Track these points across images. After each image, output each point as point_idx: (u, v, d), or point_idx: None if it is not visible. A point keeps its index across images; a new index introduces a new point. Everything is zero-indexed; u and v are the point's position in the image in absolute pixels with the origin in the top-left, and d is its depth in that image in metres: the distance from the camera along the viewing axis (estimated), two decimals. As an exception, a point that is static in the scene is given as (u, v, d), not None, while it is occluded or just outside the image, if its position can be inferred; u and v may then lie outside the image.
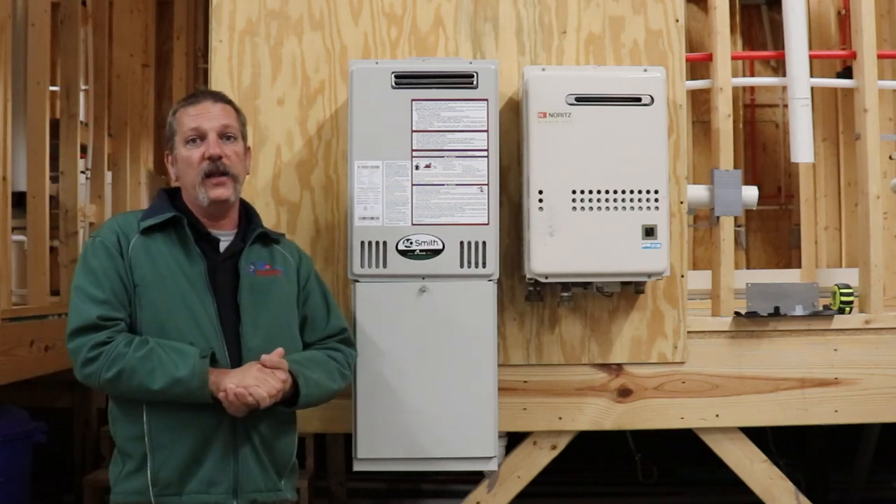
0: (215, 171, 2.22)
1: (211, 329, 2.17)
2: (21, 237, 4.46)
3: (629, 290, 2.99)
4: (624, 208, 2.78)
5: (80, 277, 2.18)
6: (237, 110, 2.34)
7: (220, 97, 2.32)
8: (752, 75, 6.02)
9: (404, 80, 2.73)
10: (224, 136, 2.25)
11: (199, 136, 2.24)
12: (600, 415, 3.06)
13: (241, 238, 2.30)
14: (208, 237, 2.27)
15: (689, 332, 3.07)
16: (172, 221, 2.23)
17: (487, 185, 2.72)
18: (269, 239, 2.35)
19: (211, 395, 2.10)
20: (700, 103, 5.79)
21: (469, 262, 2.71)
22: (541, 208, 2.78)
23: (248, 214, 2.37)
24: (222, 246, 2.28)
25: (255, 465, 2.20)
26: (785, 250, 6.09)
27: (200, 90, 2.39)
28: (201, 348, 2.12)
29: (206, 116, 2.24)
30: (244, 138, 2.34)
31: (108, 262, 2.17)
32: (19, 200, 4.22)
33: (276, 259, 2.34)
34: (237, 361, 2.18)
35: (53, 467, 4.73)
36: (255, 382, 2.10)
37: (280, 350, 2.18)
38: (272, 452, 2.23)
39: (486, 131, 2.73)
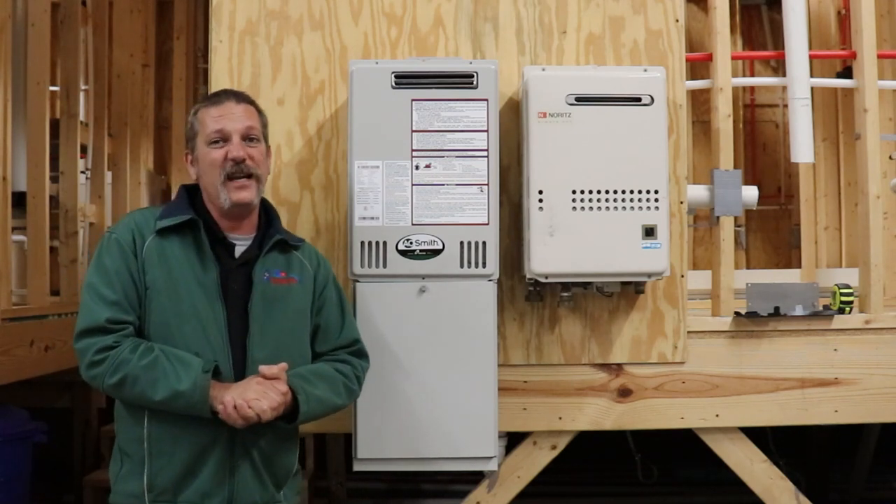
0: (238, 172, 2.19)
1: (218, 338, 2.14)
2: (21, 237, 4.46)
3: (629, 290, 2.99)
4: (624, 208, 2.78)
5: (93, 275, 2.16)
6: (259, 111, 2.30)
7: (243, 98, 2.28)
8: (752, 75, 6.02)
9: (404, 80, 2.73)
10: (247, 137, 2.22)
11: (223, 138, 2.20)
12: (600, 415, 3.06)
13: (258, 244, 2.25)
14: (224, 241, 2.22)
15: (689, 332, 3.07)
16: (189, 223, 2.19)
17: (487, 185, 2.72)
18: (287, 245, 2.30)
19: (211, 410, 2.07)
20: (700, 103, 5.79)
21: (469, 262, 2.71)
22: (541, 208, 2.78)
23: (268, 217, 2.32)
24: (238, 251, 2.23)
25: (253, 479, 2.17)
26: (785, 250, 6.09)
27: (223, 90, 2.35)
28: (205, 360, 2.10)
29: (230, 118, 2.21)
30: (266, 139, 2.30)
31: (122, 261, 2.15)
32: (19, 200, 4.22)
33: (292, 266, 2.28)
34: (241, 372, 2.15)
35: (53, 467, 4.73)
36: (256, 395, 2.07)
37: (283, 365, 2.14)
38: (271, 466, 2.21)
39: (486, 131, 2.73)
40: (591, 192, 2.78)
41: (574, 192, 2.77)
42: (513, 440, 3.12)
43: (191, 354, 2.10)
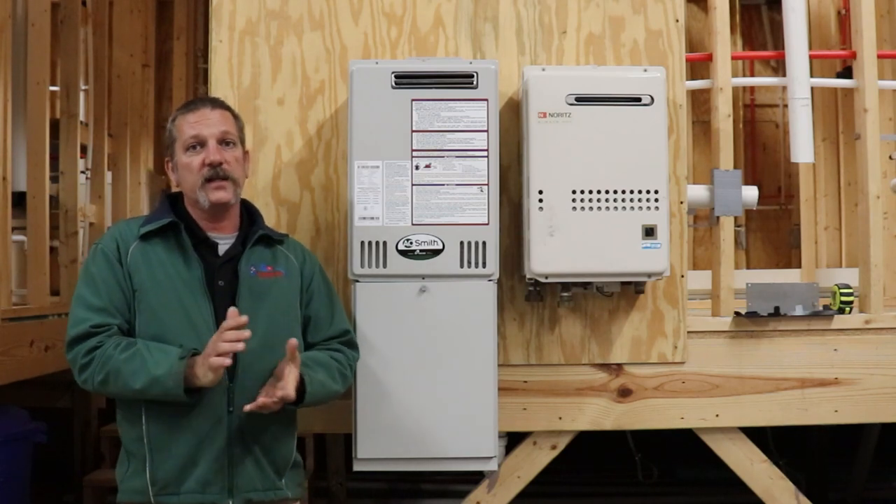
0: (215, 176, 2.24)
1: (207, 333, 2.17)
2: (21, 237, 4.46)
3: (629, 290, 2.99)
4: (624, 208, 2.78)
5: (81, 285, 2.23)
6: (235, 116, 2.36)
7: (218, 103, 2.34)
8: (752, 75, 6.02)
9: (404, 80, 2.73)
10: (223, 141, 2.28)
11: (199, 143, 2.26)
12: (600, 415, 3.06)
13: (241, 241, 2.31)
14: (207, 241, 2.28)
15: (689, 332, 3.07)
16: (171, 227, 2.25)
17: (487, 185, 2.72)
18: (271, 240, 2.36)
19: (187, 391, 2.09)
20: (700, 103, 5.79)
21: (469, 262, 2.71)
22: (541, 208, 2.78)
23: (250, 216, 2.38)
24: (221, 250, 2.29)
25: (252, 465, 2.22)
26: (785, 250, 6.09)
27: (198, 97, 2.42)
28: (185, 348, 2.14)
29: (206, 123, 2.27)
30: (243, 143, 2.36)
31: (107, 269, 2.21)
32: (19, 200, 4.22)
33: (278, 260, 2.34)
34: (233, 365, 2.18)
35: (53, 467, 4.73)
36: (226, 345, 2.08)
37: (293, 341, 2.17)
38: (269, 452, 2.25)
39: (486, 131, 2.73)
40: (591, 192, 2.78)
41: (574, 192, 2.78)
42: (513, 440, 3.12)
43: (174, 346, 2.14)
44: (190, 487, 2.17)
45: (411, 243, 2.71)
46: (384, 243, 2.71)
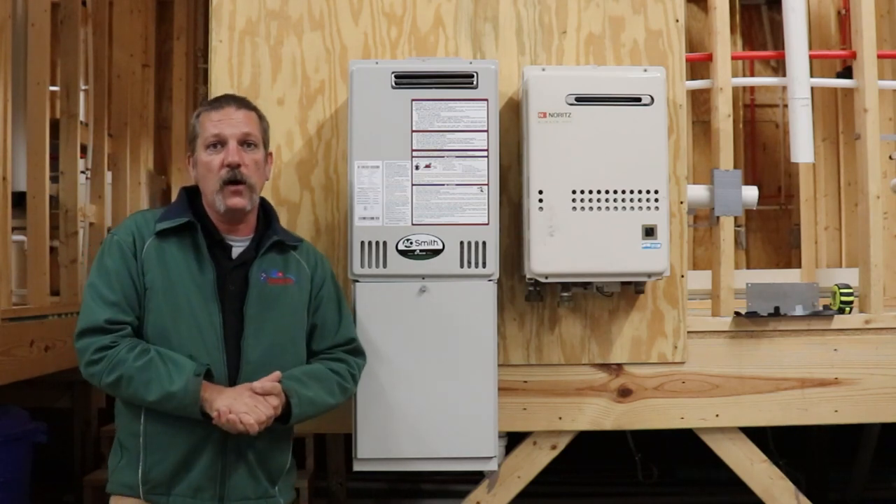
0: (233, 178, 2.22)
1: (213, 339, 2.18)
2: (21, 237, 4.46)
3: (629, 290, 2.99)
4: (624, 208, 2.78)
5: (95, 275, 2.21)
6: (261, 117, 2.34)
7: (244, 103, 2.32)
8: (752, 75, 6.02)
9: (404, 80, 2.73)
10: (245, 143, 2.26)
11: (220, 143, 2.24)
12: (600, 415, 3.06)
13: (255, 246, 2.29)
14: (222, 243, 2.26)
15: (689, 332, 3.07)
16: (187, 226, 2.23)
17: (487, 185, 2.72)
18: (285, 246, 2.34)
19: (201, 412, 2.12)
20: (700, 103, 5.79)
21: (469, 262, 2.71)
22: (541, 208, 2.78)
23: (267, 218, 2.36)
24: (235, 252, 2.27)
25: (245, 473, 2.21)
26: (785, 250, 6.09)
27: (226, 95, 2.39)
28: (198, 363, 2.14)
29: (229, 123, 2.25)
30: (266, 145, 2.34)
31: (122, 262, 2.20)
32: (19, 200, 4.22)
33: (290, 266, 2.32)
34: (236, 372, 2.19)
35: (53, 467, 4.73)
36: (245, 409, 2.11)
37: (276, 374, 2.18)
38: (264, 462, 2.25)
39: (486, 131, 2.73)
40: (591, 192, 2.78)
41: (574, 192, 2.78)
42: (513, 440, 3.12)
43: (185, 357, 2.14)
44: (181, 491, 2.18)
45: (411, 243, 2.71)
46: (384, 243, 2.71)
